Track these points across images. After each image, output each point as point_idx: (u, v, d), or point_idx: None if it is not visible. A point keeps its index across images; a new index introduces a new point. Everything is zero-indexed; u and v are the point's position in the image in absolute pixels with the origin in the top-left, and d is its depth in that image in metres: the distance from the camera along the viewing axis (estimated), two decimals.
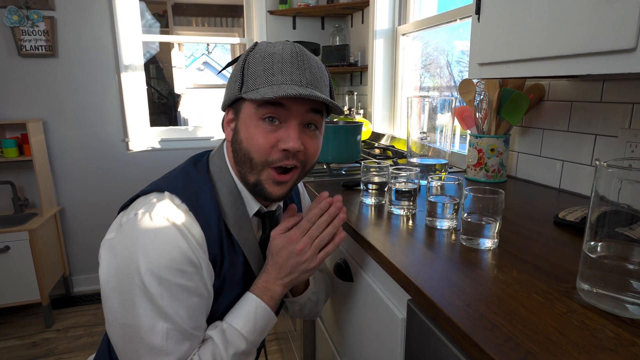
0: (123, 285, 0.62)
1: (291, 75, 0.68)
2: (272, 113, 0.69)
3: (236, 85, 0.71)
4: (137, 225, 0.64)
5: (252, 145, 0.70)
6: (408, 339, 0.68)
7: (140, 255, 0.62)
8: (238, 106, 0.72)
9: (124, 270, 0.62)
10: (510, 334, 0.48)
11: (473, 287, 0.60)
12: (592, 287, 0.56)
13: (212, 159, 0.78)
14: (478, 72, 1.00)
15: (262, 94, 0.65)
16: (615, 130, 1.02)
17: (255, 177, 0.72)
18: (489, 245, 0.75)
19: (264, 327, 0.74)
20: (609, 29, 0.65)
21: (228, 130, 0.76)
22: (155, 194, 0.69)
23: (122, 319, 0.63)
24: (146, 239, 0.63)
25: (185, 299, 0.64)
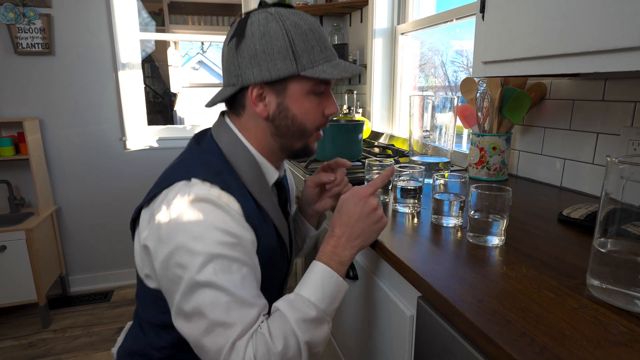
0: (177, 272, 0.64)
1: (331, 50, 0.76)
2: (324, 88, 0.76)
3: (287, 63, 0.71)
4: (176, 212, 0.65)
5: (309, 118, 0.76)
6: (418, 336, 0.68)
7: (186, 239, 0.63)
8: (284, 83, 0.73)
9: (173, 262, 0.64)
10: (525, 330, 0.49)
11: (483, 283, 0.61)
12: (602, 283, 0.56)
13: (219, 138, 0.78)
14: (482, 71, 1.00)
15: (330, 73, 0.71)
16: (617, 129, 1.02)
17: (303, 142, 0.79)
18: (496, 242, 0.75)
19: (334, 293, 0.71)
20: (616, 26, 0.65)
21: (261, 107, 0.74)
22: (182, 182, 0.68)
23: (184, 304, 0.64)
24: (189, 222, 0.64)
25: (238, 270, 0.65)
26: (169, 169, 0.75)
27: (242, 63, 0.72)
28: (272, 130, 0.77)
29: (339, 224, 0.75)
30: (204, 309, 0.62)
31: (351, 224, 0.74)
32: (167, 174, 0.73)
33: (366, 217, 0.75)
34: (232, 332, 0.62)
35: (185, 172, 0.70)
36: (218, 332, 0.62)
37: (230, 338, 0.62)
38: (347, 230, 0.74)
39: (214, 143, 0.77)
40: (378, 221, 0.76)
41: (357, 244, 0.74)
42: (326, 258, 0.72)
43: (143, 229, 0.70)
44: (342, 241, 0.74)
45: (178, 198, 0.66)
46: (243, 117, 0.78)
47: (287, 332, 0.65)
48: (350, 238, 0.74)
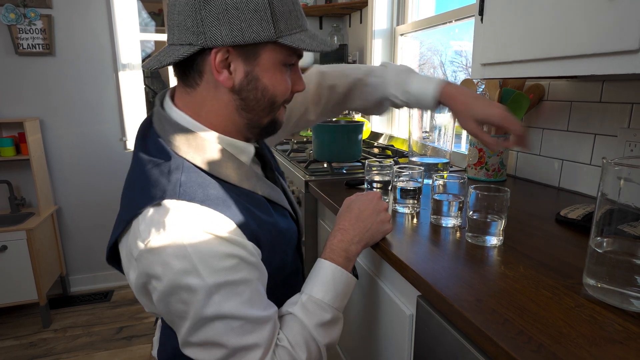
0: (179, 308, 0.58)
1: (304, 18, 0.68)
2: (296, 60, 0.68)
3: (264, 25, 0.60)
4: (158, 250, 0.56)
5: (280, 90, 0.67)
6: (417, 335, 0.69)
7: (180, 278, 0.56)
8: (255, 49, 0.62)
9: (173, 299, 0.57)
10: (522, 328, 0.50)
11: (482, 283, 0.62)
12: (598, 282, 0.57)
13: (166, 137, 0.65)
14: (481, 73, 1.01)
15: (309, 44, 0.64)
16: (615, 130, 1.03)
17: (270, 117, 0.70)
18: (494, 242, 0.76)
19: (345, 290, 0.70)
20: (612, 30, 0.66)
21: (225, 76, 0.62)
22: (150, 210, 0.58)
23: (193, 337, 0.59)
24: (176, 259, 0.55)
25: (244, 290, 0.59)
26: (126, 192, 0.65)
27: (206, 18, 0.59)
28: (237, 104, 0.65)
29: (348, 218, 0.74)
30: (218, 338, 0.58)
31: (362, 218, 0.74)
32: (126, 199, 0.63)
33: (377, 215, 0.75)
34: (256, 354, 0.59)
35: (146, 195, 0.59)
36: (240, 356, 0.59)
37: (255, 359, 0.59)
38: (356, 223, 0.73)
39: (161, 144, 0.64)
40: (386, 222, 0.77)
41: (365, 240, 0.74)
42: (334, 255, 0.70)
43: (128, 270, 0.61)
44: (349, 235, 0.72)
45: (154, 230, 0.56)
46: (199, 89, 0.65)
47: (307, 339, 0.64)
48: (358, 232, 0.73)
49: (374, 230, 0.75)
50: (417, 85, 0.92)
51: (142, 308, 2.41)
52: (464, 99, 0.87)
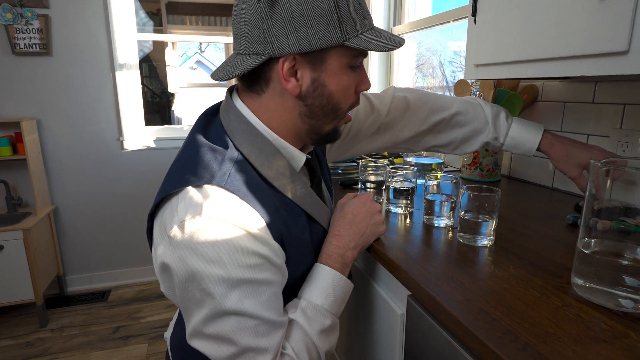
0: (198, 296, 0.57)
1: (370, 15, 0.66)
2: (363, 58, 0.66)
3: (331, 30, 0.59)
4: (191, 233, 0.56)
5: (346, 95, 0.66)
6: (408, 334, 0.70)
7: (205, 266, 0.55)
8: (322, 54, 0.61)
9: (194, 286, 0.57)
10: (509, 327, 0.50)
11: (472, 282, 0.62)
12: (586, 282, 0.58)
13: (228, 126, 0.66)
14: (474, 73, 1.02)
15: (376, 44, 0.61)
16: (607, 131, 1.04)
17: (334, 125, 0.69)
18: (485, 242, 0.77)
19: (344, 296, 0.70)
20: (603, 32, 0.67)
21: (293, 84, 0.62)
22: (192, 190, 0.58)
23: (205, 329, 0.58)
24: (206, 243, 0.56)
25: (264, 291, 0.59)
26: (176, 165, 0.65)
27: (273, 27, 0.58)
28: (301, 110, 0.65)
29: (342, 223, 0.74)
30: (231, 335, 0.57)
31: (356, 222, 0.74)
32: (174, 172, 0.63)
33: (370, 217, 0.76)
34: (264, 358, 0.58)
35: (194, 174, 0.59)
36: (249, 356, 0.58)
37: None
38: (351, 228, 0.73)
39: (222, 132, 0.65)
40: (380, 224, 0.78)
41: (360, 244, 0.74)
42: (332, 261, 0.70)
43: (158, 244, 0.61)
44: (344, 241, 0.72)
45: (190, 214, 0.56)
46: (265, 96, 0.65)
47: (309, 346, 0.64)
48: (353, 237, 0.73)
49: (369, 233, 0.76)
50: (519, 132, 0.91)
51: (139, 308, 2.43)
52: (563, 146, 0.87)
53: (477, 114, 0.94)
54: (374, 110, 0.93)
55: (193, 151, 0.64)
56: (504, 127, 0.92)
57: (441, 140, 0.97)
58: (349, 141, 0.93)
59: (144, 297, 2.58)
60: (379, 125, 0.94)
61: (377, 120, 0.93)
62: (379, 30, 0.65)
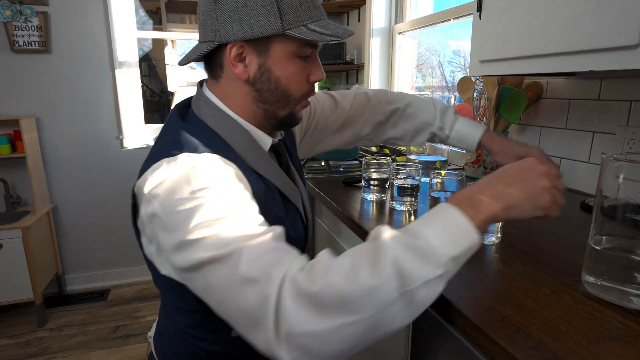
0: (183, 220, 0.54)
1: (320, 8, 0.68)
2: (311, 50, 0.68)
3: (271, 19, 0.63)
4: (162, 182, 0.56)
5: (293, 83, 0.68)
6: (414, 333, 0.69)
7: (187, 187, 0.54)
8: (266, 43, 0.65)
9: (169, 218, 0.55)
10: (520, 325, 0.49)
11: (480, 280, 0.61)
12: (597, 280, 0.57)
13: (201, 113, 0.70)
14: (479, 70, 1.01)
15: (318, 35, 0.64)
16: (613, 128, 1.03)
17: (288, 110, 0.71)
18: (492, 240, 0.76)
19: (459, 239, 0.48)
20: (612, 25, 0.66)
21: (241, 69, 0.66)
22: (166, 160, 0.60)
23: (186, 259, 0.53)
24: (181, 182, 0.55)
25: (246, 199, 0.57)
26: (152, 151, 0.67)
27: (220, 16, 0.64)
28: (253, 95, 0.69)
29: (488, 176, 0.56)
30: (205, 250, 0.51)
31: (505, 175, 0.55)
32: (152, 155, 0.65)
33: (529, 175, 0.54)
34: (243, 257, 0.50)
35: (170, 148, 0.61)
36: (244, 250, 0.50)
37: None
38: (494, 181, 0.54)
39: (196, 118, 0.69)
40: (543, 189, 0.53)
41: (504, 199, 0.51)
42: (456, 201, 0.52)
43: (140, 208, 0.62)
44: (481, 189, 0.53)
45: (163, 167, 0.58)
46: (222, 81, 0.70)
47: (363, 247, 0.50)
48: (494, 189, 0.52)
49: (521, 193, 0.52)
50: (464, 126, 0.95)
51: (139, 307, 2.42)
52: (502, 140, 0.92)
53: (427, 107, 0.99)
54: (338, 106, 0.99)
55: (170, 132, 0.67)
56: (450, 120, 0.96)
57: (397, 132, 1.02)
58: (315, 136, 0.98)
59: (143, 297, 2.57)
60: (343, 119, 0.99)
61: (342, 115, 0.99)
62: (328, 22, 0.68)
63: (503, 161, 0.89)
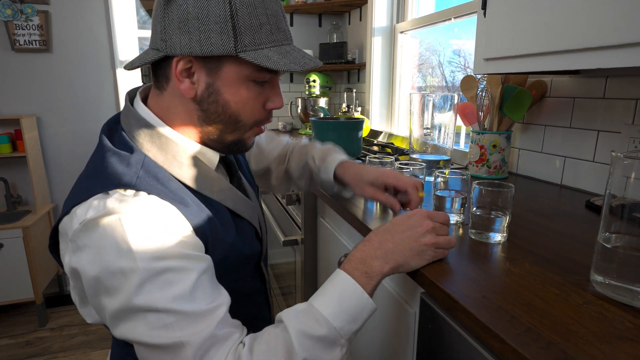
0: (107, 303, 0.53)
1: (286, 32, 0.64)
2: (268, 77, 0.63)
3: (224, 38, 0.57)
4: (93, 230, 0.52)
5: (245, 109, 0.64)
6: (421, 333, 0.68)
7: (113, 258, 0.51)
8: (218, 62, 0.60)
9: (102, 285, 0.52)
10: (530, 325, 0.48)
11: (487, 279, 0.60)
12: (606, 279, 0.56)
13: (131, 132, 0.63)
14: (483, 68, 1.00)
15: (275, 62, 0.59)
16: (619, 126, 1.02)
17: (237, 136, 0.67)
18: (498, 239, 0.75)
19: (354, 311, 0.56)
20: (619, 21, 0.65)
21: (187, 85, 0.61)
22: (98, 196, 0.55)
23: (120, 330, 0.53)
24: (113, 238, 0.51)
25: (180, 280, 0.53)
26: (79, 180, 0.61)
27: (169, 26, 0.58)
28: (199, 115, 0.63)
29: (379, 231, 0.63)
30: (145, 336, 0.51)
31: (392, 233, 0.62)
32: (77, 186, 0.59)
33: (414, 233, 0.62)
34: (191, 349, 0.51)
35: (99, 183, 0.56)
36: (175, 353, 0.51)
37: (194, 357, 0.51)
38: (385, 238, 0.61)
39: (125, 138, 0.62)
40: (427, 246, 0.62)
41: (393, 260, 0.60)
42: (351, 267, 0.59)
43: (64, 253, 0.57)
44: (373, 249, 0.60)
45: (92, 213, 0.53)
46: (165, 94, 0.64)
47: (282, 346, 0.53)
48: (386, 248, 0.60)
49: (409, 251, 0.61)
50: (329, 159, 0.92)
51: None
52: (355, 169, 0.87)
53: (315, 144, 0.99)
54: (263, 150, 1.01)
55: (97, 159, 0.61)
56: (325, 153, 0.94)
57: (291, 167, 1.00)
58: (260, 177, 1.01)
59: None
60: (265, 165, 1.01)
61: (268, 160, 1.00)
62: (290, 49, 0.63)
63: (357, 192, 0.87)
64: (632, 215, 0.54)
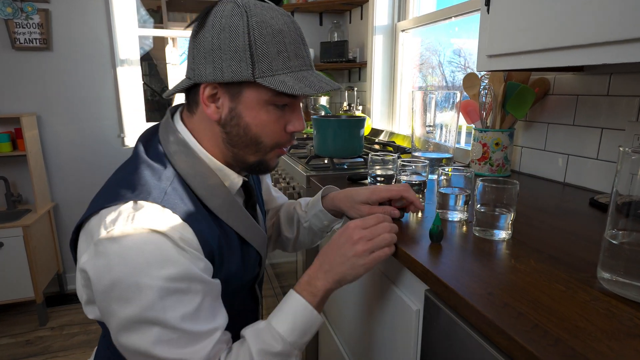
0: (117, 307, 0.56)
1: (304, 59, 0.68)
2: (287, 101, 0.68)
3: (243, 65, 0.63)
4: (117, 241, 0.56)
5: (266, 131, 0.68)
6: (425, 331, 0.67)
7: (129, 272, 0.55)
8: (239, 88, 0.65)
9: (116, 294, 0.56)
10: (537, 322, 0.48)
11: (492, 276, 0.60)
12: (613, 276, 0.55)
13: (166, 145, 0.68)
14: (487, 65, 0.99)
15: (290, 87, 0.63)
16: (622, 124, 1.02)
17: (258, 157, 0.71)
18: (503, 236, 0.74)
19: (305, 327, 0.66)
20: (625, 16, 0.64)
21: (212, 110, 0.67)
22: (128, 205, 0.59)
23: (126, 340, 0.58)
24: (132, 251, 0.56)
25: (190, 301, 0.59)
26: (111, 182, 0.66)
27: (197, 56, 0.66)
28: (223, 137, 0.69)
29: (321, 253, 0.71)
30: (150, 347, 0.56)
31: (328, 253, 0.69)
32: (110, 187, 0.64)
33: (344, 250, 0.68)
34: None
35: (131, 191, 0.60)
36: None
37: None
38: (324, 259, 0.69)
39: (161, 152, 0.68)
40: (357, 257, 0.67)
41: (331, 277, 0.67)
42: (300, 288, 0.68)
43: (82, 252, 0.60)
44: (316, 270, 0.69)
45: (120, 223, 0.56)
46: (195, 117, 0.70)
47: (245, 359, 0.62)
48: (323, 268, 0.68)
49: (342, 266, 0.68)
50: (316, 195, 0.94)
51: None
52: (345, 193, 0.88)
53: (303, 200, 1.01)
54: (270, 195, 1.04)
55: (131, 168, 0.66)
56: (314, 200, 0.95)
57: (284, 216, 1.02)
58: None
59: None
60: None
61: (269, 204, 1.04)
62: (308, 74, 0.67)
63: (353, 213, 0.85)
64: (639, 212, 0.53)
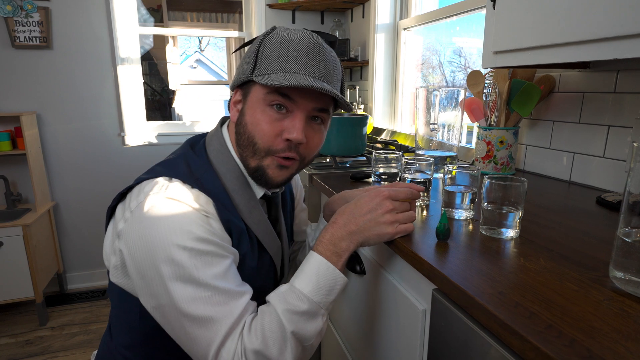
0: (151, 270, 0.61)
1: (305, 65, 0.69)
2: (279, 101, 0.69)
3: (248, 67, 0.70)
4: (152, 207, 0.62)
5: (257, 130, 0.70)
6: (432, 330, 0.66)
7: (164, 238, 0.61)
8: (247, 88, 0.72)
9: (148, 256, 0.61)
10: (551, 322, 0.46)
11: (502, 275, 0.58)
12: (626, 275, 0.54)
13: (210, 144, 0.76)
14: (492, 61, 0.98)
15: (273, 80, 0.66)
16: (629, 121, 1.00)
17: (257, 162, 0.72)
18: (511, 234, 0.73)
19: (329, 285, 0.66)
20: (637, 10, 0.63)
21: (234, 111, 0.75)
22: (163, 179, 0.67)
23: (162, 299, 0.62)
24: (164, 216, 0.62)
25: (219, 263, 0.64)
26: (154, 166, 0.73)
27: (237, 69, 0.75)
28: (236, 138, 0.74)
29: (344, 213, 0.71)
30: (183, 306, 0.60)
31: (356, 215, 0.70)
32: (150, 170, 0.71)
33: (375, 215, 0.70)
34: (221, 327, 0.61)
35: (169, 171, 0.68)
36: (206, 326, 0.61)
37: (218, 334, 0.60)
38: (350, 220, 0.70)
39: (204, 150, 0.75)
40: (386, 225, 0.70)
41: (356, 239, 0.69)
42: (322, 248, 0.69)
43: (119, 219, 0.67)
44: (340, 230, 0.69)
45: (154, 192, 0.64)
46: (232, 123, 0.77)
47: (274, 324, 0.62)
48: (349, 229, 0.69)
49: (369, 230, 0.70)
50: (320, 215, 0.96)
51: None
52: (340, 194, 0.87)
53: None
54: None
55: (175, 155, 0.74)
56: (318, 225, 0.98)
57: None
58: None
59: None
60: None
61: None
62: (303, 77, 0.67)
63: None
64: None
